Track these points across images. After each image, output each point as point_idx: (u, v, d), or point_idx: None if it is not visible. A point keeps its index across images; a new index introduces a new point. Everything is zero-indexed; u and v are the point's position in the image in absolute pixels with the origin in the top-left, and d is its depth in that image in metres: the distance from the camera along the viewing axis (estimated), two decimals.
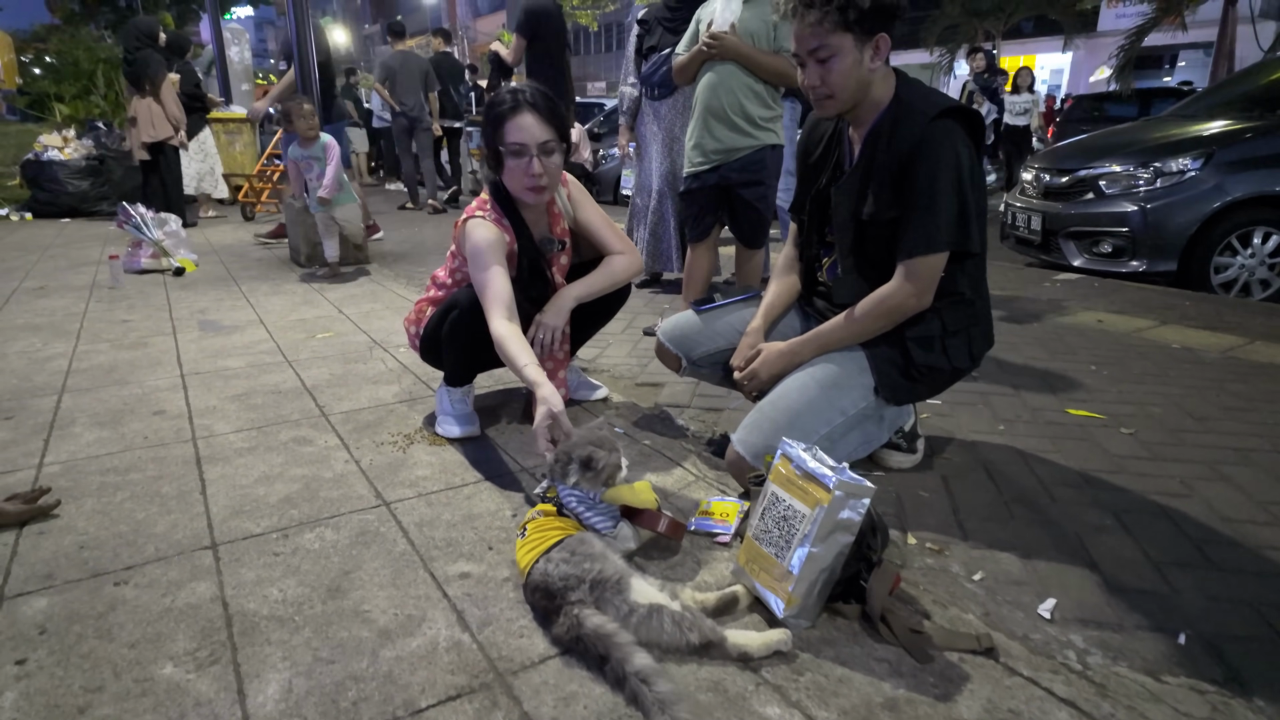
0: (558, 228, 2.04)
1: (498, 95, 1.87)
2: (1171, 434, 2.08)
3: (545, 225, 2.03)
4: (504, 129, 1.83)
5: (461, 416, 2.04)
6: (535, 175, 1.84)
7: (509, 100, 1.84)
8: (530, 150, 1.82)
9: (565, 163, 1.95)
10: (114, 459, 1.90)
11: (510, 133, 1.82)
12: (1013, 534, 1.57)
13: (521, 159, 1.83)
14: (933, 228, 1.54)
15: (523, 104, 1.82)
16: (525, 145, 1.82)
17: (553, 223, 2.04)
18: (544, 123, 1.83)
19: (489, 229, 1.87)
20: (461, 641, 1.21)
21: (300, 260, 4.74)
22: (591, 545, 1.27)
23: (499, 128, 1.84)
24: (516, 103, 1.83)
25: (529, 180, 1.85)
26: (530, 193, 1.88)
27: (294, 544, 1.50)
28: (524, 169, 1.84)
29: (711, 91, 2.74)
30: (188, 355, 2.81)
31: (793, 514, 1.24)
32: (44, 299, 3.80)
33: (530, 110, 1.82)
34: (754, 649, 1.15)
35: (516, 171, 1.85)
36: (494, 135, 1.86)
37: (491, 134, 1.87)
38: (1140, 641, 1.23)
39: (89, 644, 1.21)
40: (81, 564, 1.43)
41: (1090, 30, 18.00)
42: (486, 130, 1.89)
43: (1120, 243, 4.21)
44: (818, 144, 1.79)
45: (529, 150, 1.82)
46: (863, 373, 1.66)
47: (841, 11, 1.50)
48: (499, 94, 1.87)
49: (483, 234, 1.85)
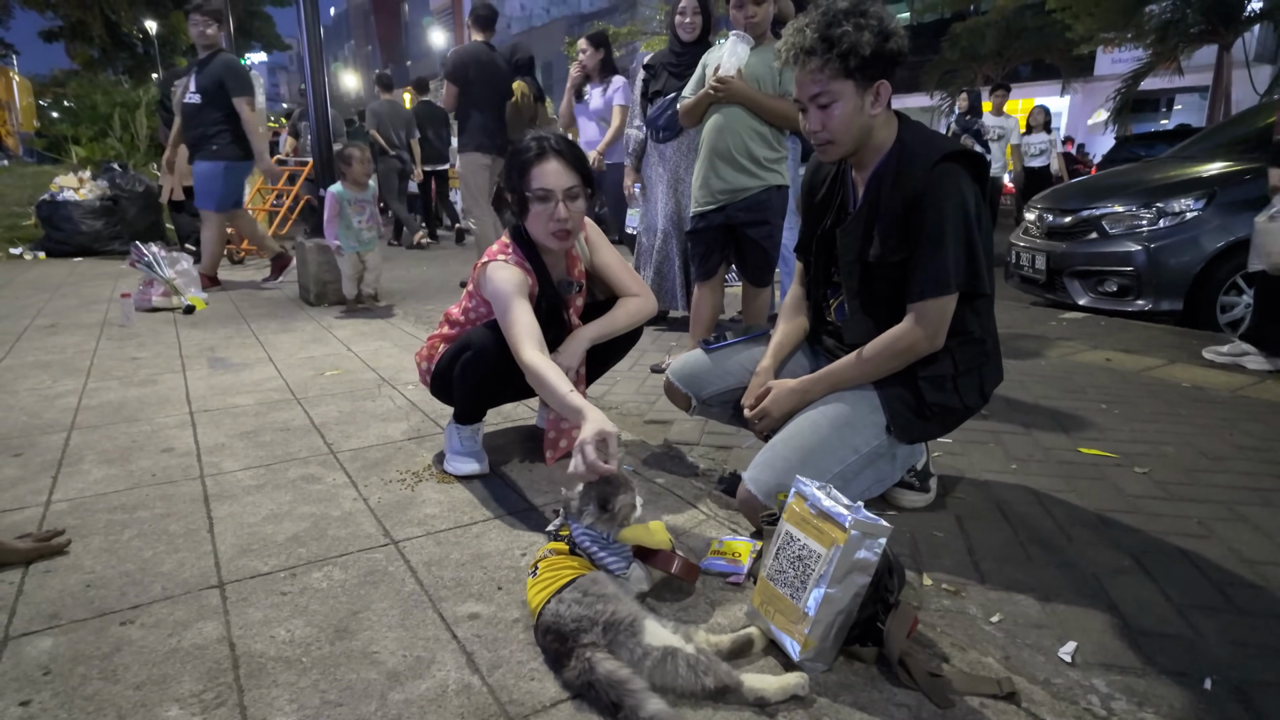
0: (575, 270, 2.06)
1: (523, 142, 1.89)
2: (1186, 473, 2.06)
3: (564, 268, 2.05)
4: (529, 175, 1.85)
5: (470, 454, 2.03)
6: (560, 220, 1.85)
7: (534, 147, 1.86)
8: (556, 196, 1.84)
9: (589, 209, 1.97)
10: (122, 496, 1.90)
11: (535, 179, 1.84)
12: (1030, 575, 1.54)
13: (547, 204, 1.85)
14: (942, 270, 1.55)
15: (548, 150, 1.85)
16: (551, 191, 1.84)
17: (570, 265, 2.05)
18: (569, 169, 1.85)
19: (512, 271, 1.87)
20: (471, 684, 1.19)
21: (309, 299, 4.78)
22: (604, 586, 1.25)
23: (524, 174, 1.85)
24: (542, 149, 1.85)
25: (554, 225, 1.86)
26: (554, 238, 1.89)
27: (302, 583, 1.49)
28: (549, 214, 1.85)
29: (718, 134, 2.79)
30: (197, 392, 2.81)
31: (808, 554, 1.23)
32: (55, 336, 3.83)
33: (555, 156, 1.84)
34: (770, 693, 1.13)
35: (541, 217, 1.86)
36: (519, 181, 1.87)
37: (517, 180, 1.88)
38: (1165, 686, 1.21)
39: (94, 685, 1.19)
40: (88, 603, 1.42)
41: (1087, 74, 18.30)
42: (512, 176, 1.90)
43: (1125, 282, 4.22)
44: (821, 184, 1.81)
45: (554, 196, 1.84)
46: (875, 411, 1.66)
47: (843, 59, 1.53)
48: (524, 141, 1.89)
49: (506, 275, 1.85)
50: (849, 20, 1.52)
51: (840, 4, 1.55)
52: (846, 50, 1.51)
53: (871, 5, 1.55)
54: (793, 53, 1.57)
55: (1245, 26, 11.19)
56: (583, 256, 2.08)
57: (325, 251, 4.65)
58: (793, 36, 1.57)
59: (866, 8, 1.54)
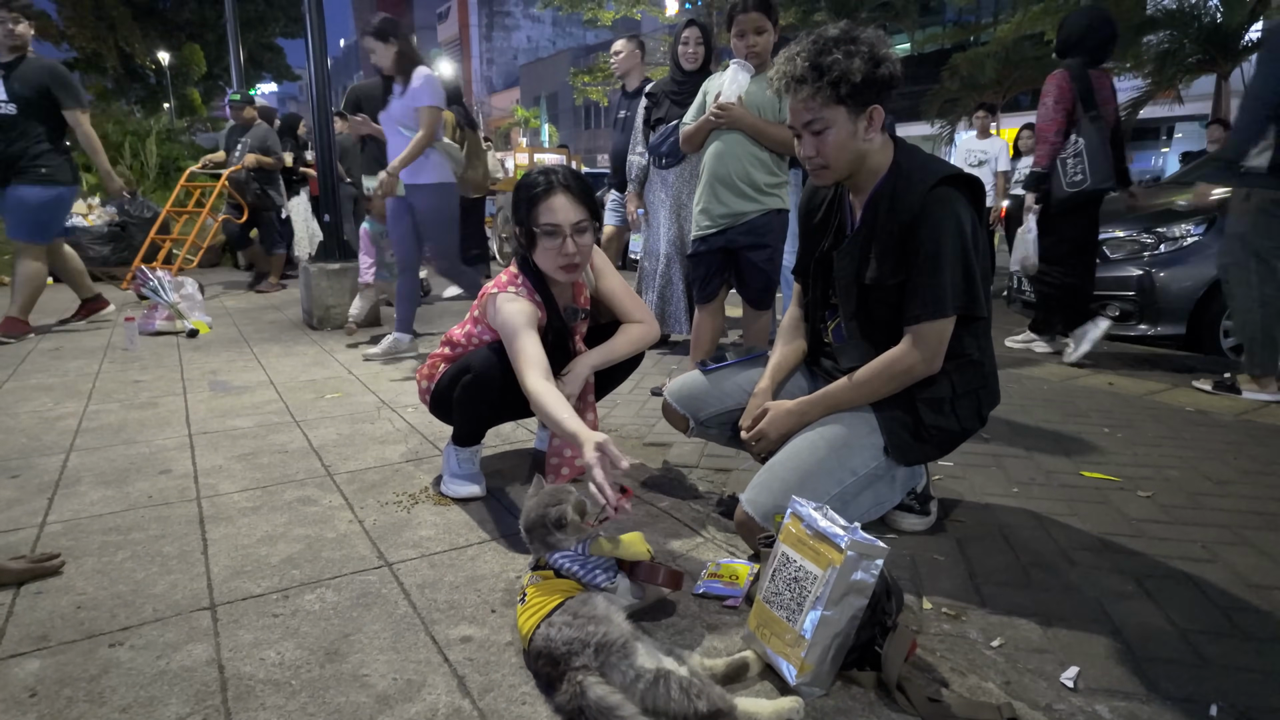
0: (581, 297, 2.07)
1: (530, 177, 1.91)
2: (1190, 497, 2.04)
3: (570, 295, 2.06)
4: (538, 210, 1.86)
5: (468, 476, 2.02)
6: (569, 255, 1.87)
7: (542, 182, 1.87)
8: (564, 231, 1.85)
9: (596, 241, 1.99)
10: (117, 518, 1.89)
11: (544, 214, 1.85)
12: (1032, 599, 1.52)
13: (555, 239, 1.85)
14: (940, 293, 1.55)
15: (556, 185, 1.86)
16: (559, 226, 1.85)
17: (576, 293, 2.06)
18: (577, 203, 1.86)
19: (522, 304, 1.87)
20: (462, 708, 1.17)
21: (313, 323, 4.80)
22: (594, 607, 1.23)
23: (533, 208, 1.86)
24: (550, 184, 1.86)
25: (562, 260, 1.87)
26: (562, 271, 1.90)
27: (294, 605, 1.47)
28: (558, 249, 1.86)
29: (719, 159, 2.81)
30: (197, 415, 2.82)
31: (804, 575, 1.21)
32: (59, 360, 3.85)
33: (564, 191, 1.85)
34: (764, 717, 1.10)
35: (551, 251, 1.87)
36: (528, 215, 1.88)
37: (526, 214, 1.88)
38: (1170, 713, 1.18)
39: (79, 708, 1.17)
40: (78, 625, 1.41)
41: None
42: (520, 211, 1.91)
43: (1127, 306, 4.22)
44: (819, 208, 1.82)
45: (563, 231, 1.85)
46: (872, 433, 1.65)
47: (834, 86, 1.54)
48: (532, 175, 1.91)
49: (517, 308, 1.85)
50: (839, 48, 1.54)
51: (831, 31, 1.57)
52: (837, 78, 1.53)
53: (863, 32, 1.57)
54: (784, 81, 1.59)
55: (1243, 56, 11.30)
56: (588, 283, 2.09)
57: (330, 276, 4.68)
58: (784, 65, 1.59)
59: (857, 35, 1.56)
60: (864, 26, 1.59)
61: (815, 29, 1.60)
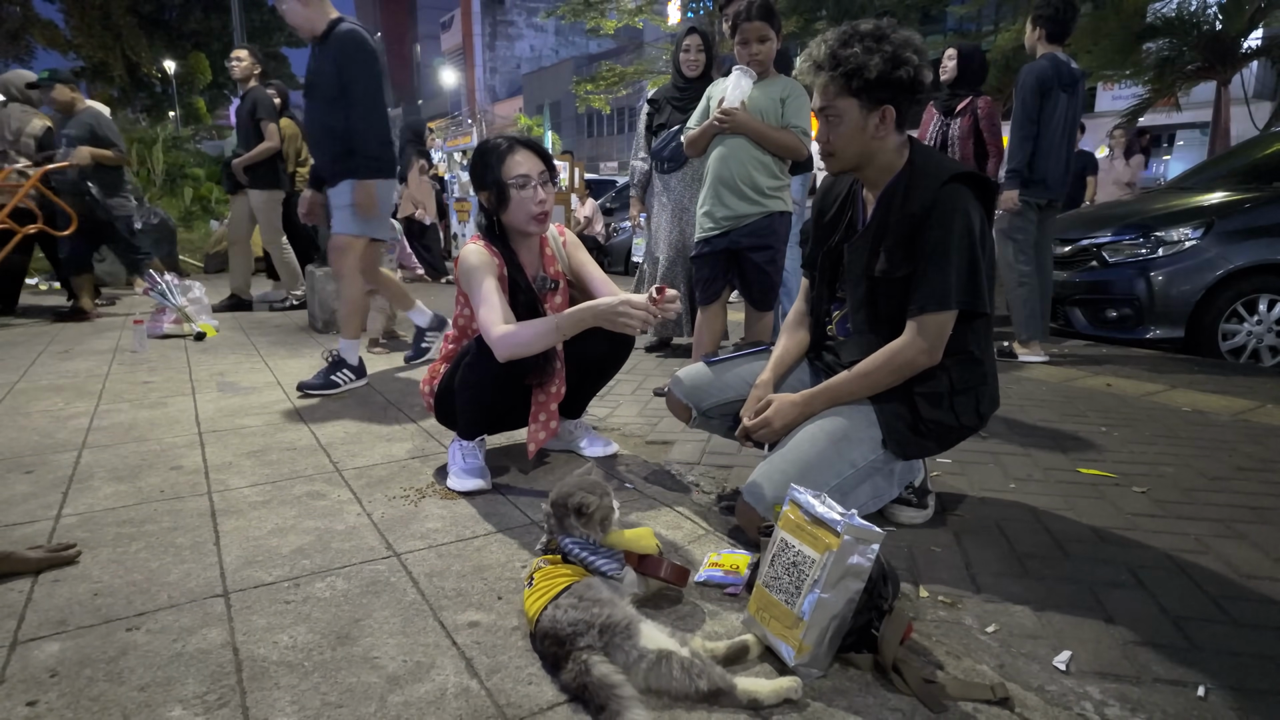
0: (552, 269, 2.14)
1: (489, 141, 2.06)
2: (1185, 493, 2.07)
3: (539, 264, 2.13)
4: (506, 165, 1.99)
5: (473, 470, 2.06)
6: (541, 201, 2.00)
7: (503, 142, 2.03)
8: (533, 179, 1.99)
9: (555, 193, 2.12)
10: (130, 511, 1.93)
11: (513, 168, 1.99)
12: (1026, 588, 1.55)
13: (525, 190, 1.98)
14: (944, 286, 1.59)
15: (516, 143, 2.02)
16: (528, 175, 1.99)
17: (546, 263, 2.14)
18: (537, 157, 2.02)
19: (479, 254, 1.99)
20: (470, 688, 1.20)
21: (318, 326, 4.84)
22: (599, 590, 1.27)
23: (501, 165, 1.99)
24: (511, 143, 2.04)
25: (536, 208, 2.00)
26: (535, 222, 2.03)
27: (305, 593, 1.51)
28: (531, 198, 1.99)
29: (722, 163, 2.86)
30: (206, 414, 2.86)
31: (802, 560, 1.25)
32: (68, 362, 3.89)
33: (524, 147, 2.02)
34: (764, 696, 1.14)
35: (525, 202, 1.99)
36: (498, 173, 1.99)
37: (496, 172, 1.99)
38: (1159, 694, 1.21)
39: (99, 687, 1.21)
40: (95, 610, 1.44)
41: (1088, 111, 18.54)
42: (488, 173, 2.01)
43: (1126, 310, 4.25)
44: (833, 204, 1.86)
45: (532, 179, 1.99)
46: (871, 426, 1.68)
47: (846, 78, 1.59)
48: (489, 140, 2.07)
49: (473, 259, 1.98)
50: (862, 42, 1.58)
51: (864, 26, 1.61)
52: (851, 70, 1.57)
53: (895, 33, 1.59)
54: (806, 63, 1.64)
55: (1242, 63, 11.34)
56: (559, 258, 2.16)
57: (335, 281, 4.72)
58: (811, 47, 1.64)
59: (886, 33, 1.59)
60: (903, 28, 1.61)
61: (840, 27, 1.63)
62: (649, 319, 1.71)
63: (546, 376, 2.05)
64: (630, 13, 18.41)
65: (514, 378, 1.90)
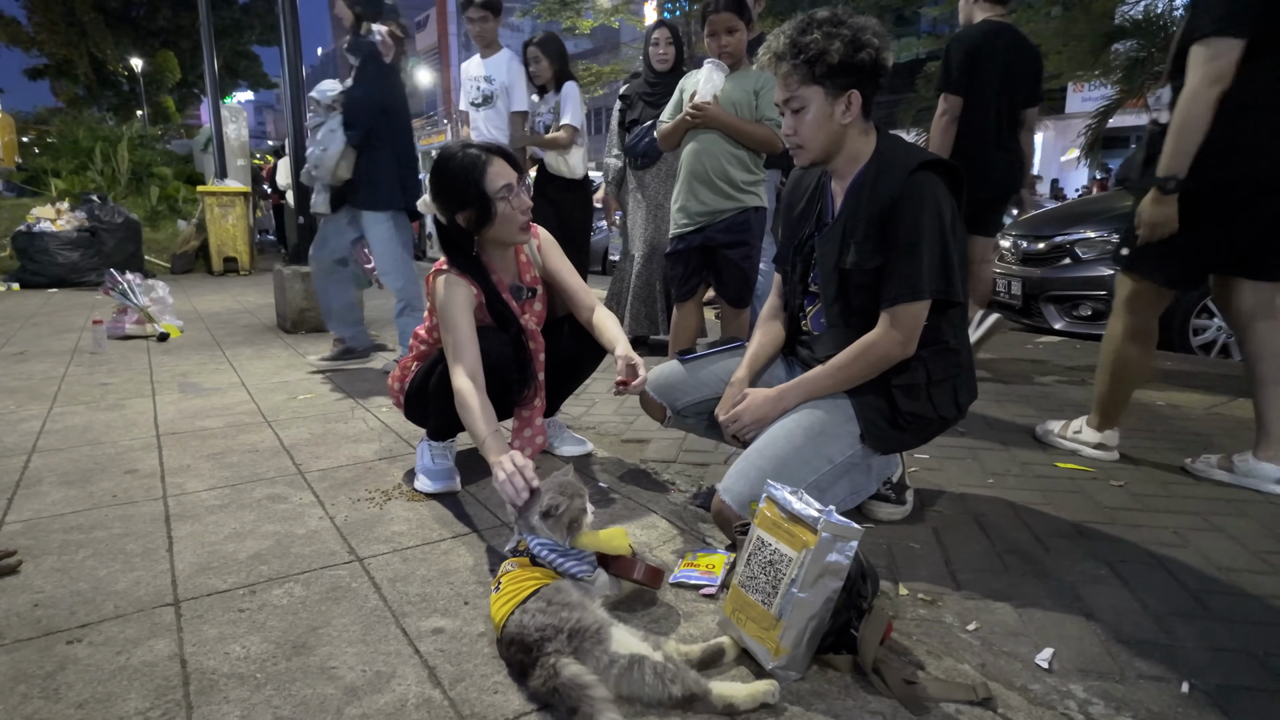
0: (527, 276, 2.06)
1: (460, 156, 1.87)
2: (1162, 486, 2.06)
3: (515, 273, 2.05)
4: (487, 177, 1.85)
5: (441, 471, 1.99)
6: (527, 207, 1.92)
7: (479, 155, 1.86)
8: (515, 186, 1.89)
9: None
10: (79, 517, 1.84)
11: (495, 179, 1.85)
12: (1007, 585, 1.52)
13: (510, 198, 1.88)
14: (916, 276, 1.55)
15: (489, 153, 1.88)
16: (511, 184, 1.88)
17: (522, 271, 2.06)
18: (505, 160, 1.90)
19: (454, 288, 1.86)
20: (432, 698, 1.14)
21: (286, 326, 4.73)
22: (569, 594, 1.22)
23: (482, 180, 1.84)
24: (485, 153, 1.88)
25: (522, 217, 1.92)
26: (523, 230, 1.94)
27: (261, 600, 1.44)
28: (517, 207, 1.89)
29: (696, 157, 2.82)
30: (165, 416, 2.76)
31: (779, 558, 1.20)
32: (23, 364, 3.76)
33: (497, 155, 1.89)
34: (740, 701, 1.09)
35: (511, 213, 1.89)
36: (479, 187, 1.84)
37: (477, 188, 1.84)
38: (1143, 691, 1.18)
39: (33, 705, 1.13)
40: (34, 622, 1.36)
41: (1058, 112, 18.76)
42: (467, 190, 1.85)
43: (1099, 305, 4.27)
44: (801, 197, 1.82)
45: (515, 187, 1.89)
46: (849, 421, 1.65)
47: (809, 65, 1.55)
48: (459, 154, 1.88)
49: (448, 294, 1.85)
50: (821, 29, 1.55)
51: (821, 13, 1.58)
52: (813, 56, 1.54)
53: (852, 18, 1.57)
54: (767, 56, 1.61)
55: None
56: (534, 263, 2.08)
57: (304, 280, 4.61)
58: (770, 40, 1.61)
59: (844, 19, 1.56)
60: (861, 15, 1.58)
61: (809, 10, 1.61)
62: (515, 496, 1.46)
63: (526, 399, 2.03)
64: (606, 12, 18.34)
65: (495, 392, 1.82)
